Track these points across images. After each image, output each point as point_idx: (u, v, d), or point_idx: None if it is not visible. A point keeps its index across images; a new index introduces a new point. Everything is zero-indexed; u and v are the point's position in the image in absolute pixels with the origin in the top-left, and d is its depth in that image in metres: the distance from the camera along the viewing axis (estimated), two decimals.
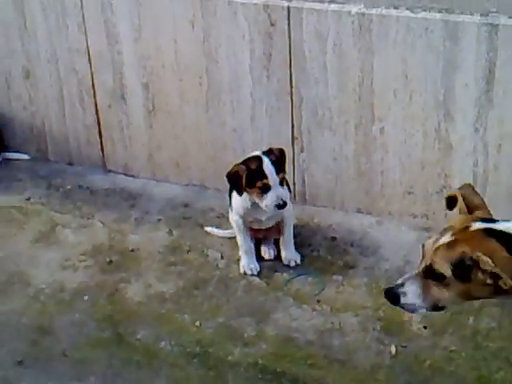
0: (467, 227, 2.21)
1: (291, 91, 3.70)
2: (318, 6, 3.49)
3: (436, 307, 2.31)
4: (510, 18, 3.23)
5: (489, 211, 2.35)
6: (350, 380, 3.01)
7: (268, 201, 3.30)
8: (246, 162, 3.36)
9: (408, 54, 3.42)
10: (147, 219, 3.92)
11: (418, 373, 3.03)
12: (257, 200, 3.35)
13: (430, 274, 2.23)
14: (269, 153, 3.37)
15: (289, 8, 3.54)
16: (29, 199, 4.11)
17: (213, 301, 3.41)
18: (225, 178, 3.40)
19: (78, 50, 4.03)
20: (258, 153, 3.39)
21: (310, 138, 3.77)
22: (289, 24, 3.57)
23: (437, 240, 2.25)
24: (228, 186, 3.48)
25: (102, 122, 4.18)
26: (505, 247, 2.11)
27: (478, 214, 2.30)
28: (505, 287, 2.09)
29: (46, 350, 3.22)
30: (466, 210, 2.33)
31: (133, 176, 4.21)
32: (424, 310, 2.35)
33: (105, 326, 3.31)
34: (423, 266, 2.26)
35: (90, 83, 4.10)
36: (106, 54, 3.98)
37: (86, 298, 3.46)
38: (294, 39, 3.59)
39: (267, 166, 3.31)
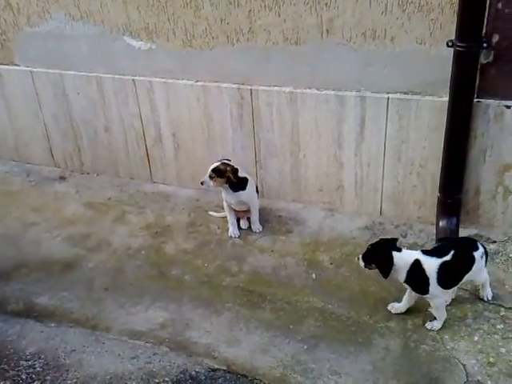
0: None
1: (254, 136, 3.68)
2: (267, 88, 3.48)
3: None
4: (372, 92, 3.26)
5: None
6: (291, 294, 3.01)
7: None
8: None
9: (317, 114, 3.43)
10: (176, 208, 3.86)
11: (326, 289, 3.02)
12: None
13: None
14: (223, 163, 3.29)
15: (251, 89, 3.53)
16: (109, 198, 4.04)
17: (214, 252, 3.38)
18: None
19: (135, 115, 3.97)
20: (220, 161, 3.32)
21: (265, 162, 3.74)
22: (251, 98, 3.55)
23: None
24: None
25: (149, 155, 4.11)
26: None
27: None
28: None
29: (121, 282, 3.19)
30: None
31: (167, 184, 4.13)
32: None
33: (153, 267, 3.29)
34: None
35: (142, 133, 4.03)
36: (150, 117, 3.93)
37: (143, 252, 3.42)
38: (255, 106, 3.57)
39: (212, 166, 3.27)
